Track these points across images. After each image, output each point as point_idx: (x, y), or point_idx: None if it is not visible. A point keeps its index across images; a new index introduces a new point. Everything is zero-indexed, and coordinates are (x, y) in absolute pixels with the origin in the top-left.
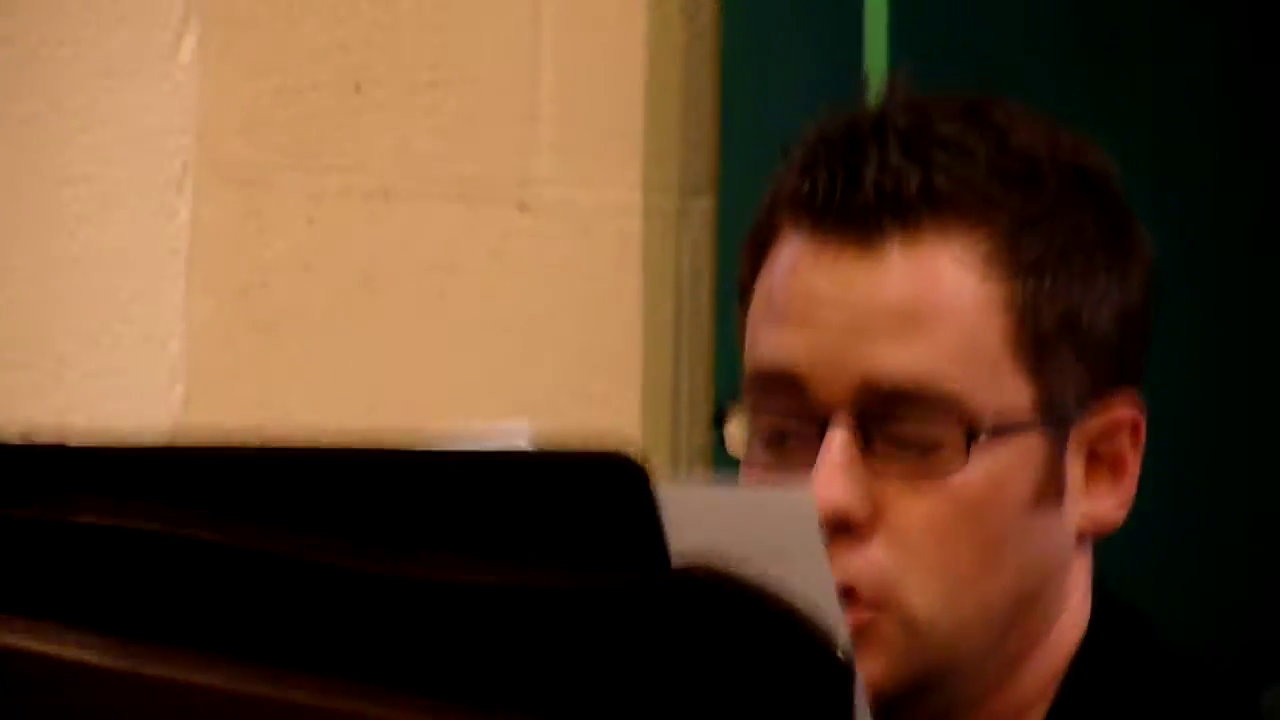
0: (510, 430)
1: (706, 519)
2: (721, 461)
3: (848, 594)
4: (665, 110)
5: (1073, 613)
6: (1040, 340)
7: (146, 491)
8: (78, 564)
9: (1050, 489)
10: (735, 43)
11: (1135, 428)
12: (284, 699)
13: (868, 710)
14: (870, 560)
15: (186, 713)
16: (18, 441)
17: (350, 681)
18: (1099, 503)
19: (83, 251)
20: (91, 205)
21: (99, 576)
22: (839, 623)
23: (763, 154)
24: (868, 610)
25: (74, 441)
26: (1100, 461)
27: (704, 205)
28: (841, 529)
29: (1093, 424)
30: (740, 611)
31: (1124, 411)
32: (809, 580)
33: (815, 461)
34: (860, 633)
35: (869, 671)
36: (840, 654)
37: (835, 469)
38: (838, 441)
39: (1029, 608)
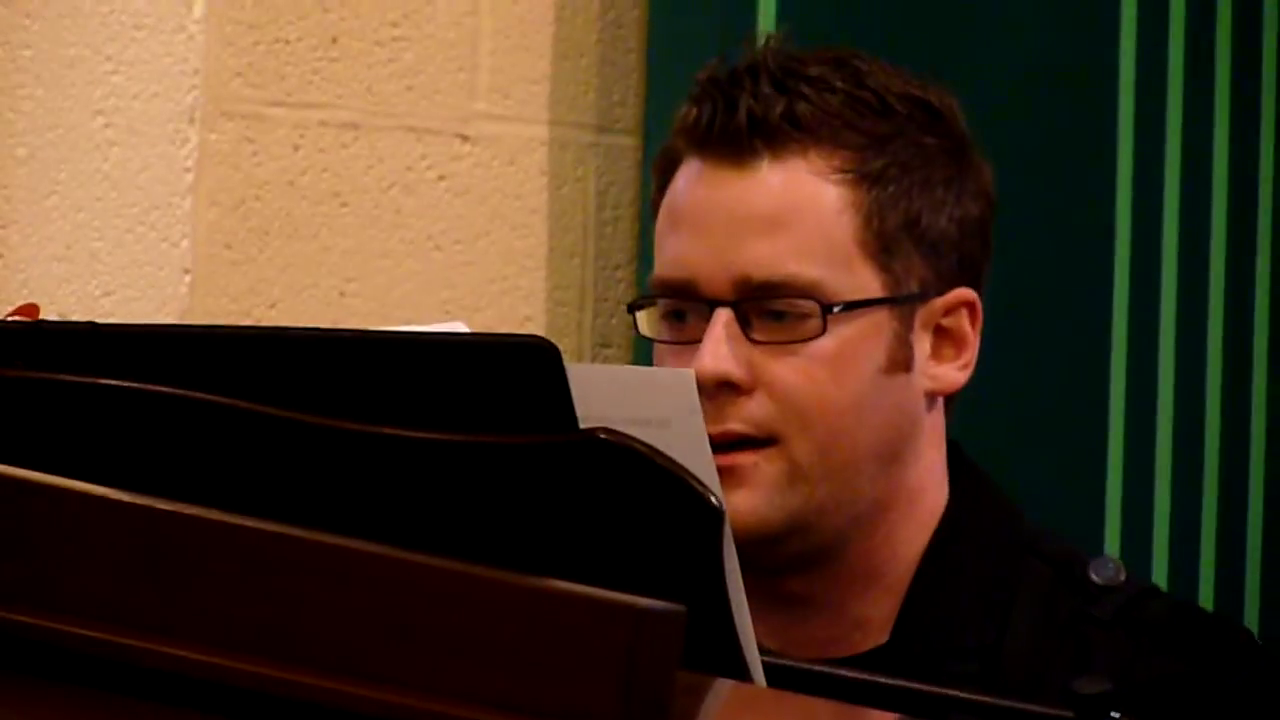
0: (450, 329)
1: (605, 393)
2: (612, 347)
3: (742, 439)
4: (579, 63)
5: (931, 472)
6: (885, 236)
7: (160, 363)
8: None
9: (900, 357)
10: (658, 17)
11: (973, 308)
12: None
13: (734, 547)
14: (752, 411)
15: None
16: (56, 322)
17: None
18: (943, 368)
19: (112, 169)
20: (120, 131)
21: (119, 429)
22: (712, 478)
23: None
24: (756, 453)
25: (102, 325)
26: (945, 335)
27: (613, 141)
28: (728, 388)
29: (937, 305)
30: (633, 466)
31: (963, 295)
32: (687, 443)
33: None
34: (750, 472)
35: (754, 505)
36: (713, 500)
37: (718, 343)
38: (720, 323)
39: (889, 461)
